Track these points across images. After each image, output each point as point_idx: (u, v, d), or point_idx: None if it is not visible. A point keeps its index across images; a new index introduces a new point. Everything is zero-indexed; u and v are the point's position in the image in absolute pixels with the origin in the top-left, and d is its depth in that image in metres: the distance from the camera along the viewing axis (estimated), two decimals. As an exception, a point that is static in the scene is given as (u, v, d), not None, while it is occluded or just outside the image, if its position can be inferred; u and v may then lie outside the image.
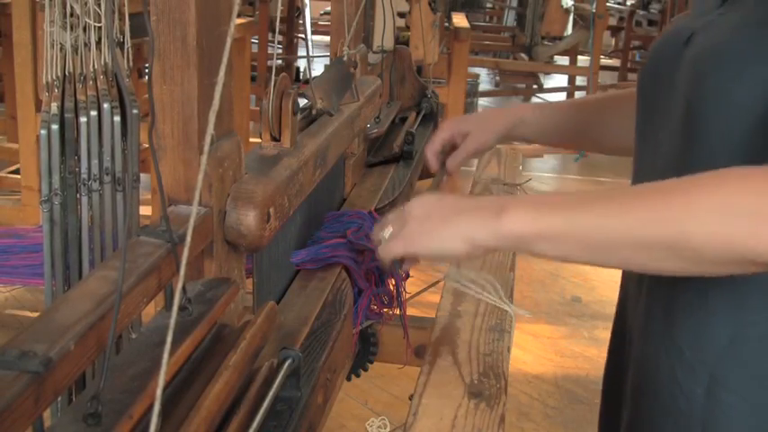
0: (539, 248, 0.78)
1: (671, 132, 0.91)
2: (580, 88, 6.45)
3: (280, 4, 1.02)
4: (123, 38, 1.26)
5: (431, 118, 1.81)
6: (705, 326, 0.87)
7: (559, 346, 3.02)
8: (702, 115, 0.85)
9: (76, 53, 1.19)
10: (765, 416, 0.85)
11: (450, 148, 1.29)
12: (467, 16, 4.93)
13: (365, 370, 1.11)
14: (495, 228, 0.77)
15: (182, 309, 0.65)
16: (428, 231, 0.81)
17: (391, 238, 0.85)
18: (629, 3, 8.46)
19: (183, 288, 0.65)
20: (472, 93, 5.76)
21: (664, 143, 0.93)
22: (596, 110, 1.25)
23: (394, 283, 1.07)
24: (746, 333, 0.84)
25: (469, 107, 5.53)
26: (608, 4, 6.31)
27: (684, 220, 0.70)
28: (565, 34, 6.45)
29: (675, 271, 0.75)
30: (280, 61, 6.15)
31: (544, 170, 5.21)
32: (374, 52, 1.54)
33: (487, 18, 8.56)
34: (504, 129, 1.27)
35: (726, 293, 0.81)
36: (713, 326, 0.86)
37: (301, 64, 6.64)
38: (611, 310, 1.05)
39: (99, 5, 1.16)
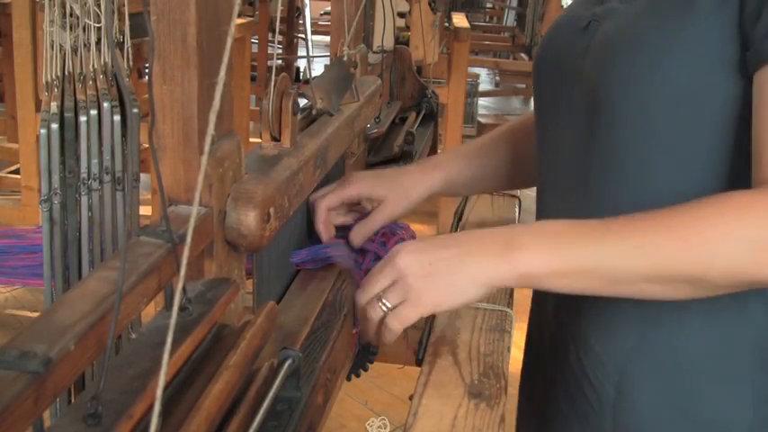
0: (552, 285, 0.75)
1: (575, 122, 0.91)
2: (580, 88, 6.43)
3: (280, 4, 1.02)
4: (123, 38, 1.26)
5: (431, 118, 1.81)
6: (615, 324, 0.89)
7: (559, 347, 3.01)
8: (612, 104, 0.86)
9: (76, 53, 1.19)
10: (672, 414, 0.87)
11: (348, 211, 1.08)
12: (467, 16, 4.93)
13: (365, 370, 1.11)
14: (509, 268, 0.73)
15: (182, 309, 0.65)
16: (439, 287, 0.74)
17: (399, 305, 0.77)
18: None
19: (184, 288, 0.65)
20: (472, 93, 5.76)
21: (566, 134, 0.93)
22: (527, 132, 1.10)
23: None
24: (654, 332, 0.87)
25: (469, 107, 5.53)
26: (608, 4, 6.29)
27: (701, 256, 0.71)
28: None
29: (683, 298, 0.76)
30: (280, 61, 6.15)
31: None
32: (374, 52, 1.54)
33: (487, 18, 8.55)
34: (421, 197, 1.09)
35: None
36: (623, 324, 0.88)
37: (301, 64, 6.64)
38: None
39: (99, 6, 1.15)
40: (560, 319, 0.95)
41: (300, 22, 6.49)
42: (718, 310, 0.85)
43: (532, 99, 1.03)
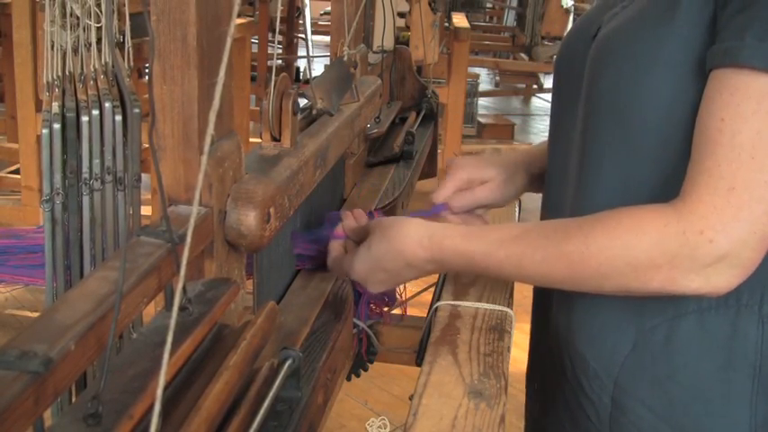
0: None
1: (575, 131, 0.90)
2: (580, 88, 6.42)
3: (280, 4, 1.03)
4: (123, 38, 1.26)
5: (431, 118, 1.81)
6: (607, 333, 0.88)
7: (559, 346, 3.01)
8: (600, 114, 0.85)
9: (76, 53, 1.19)
10: (667, 424, 0.85)
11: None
12: (467, 16, 4.93)
13: (365, 370, 1.11)
14: (416, 275, 0.90)
15: (182, 309, 0.65)
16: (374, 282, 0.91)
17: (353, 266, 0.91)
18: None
19: (184, 288, 0.65)
20: (472, 93, 5.76)
21: (573, 143, 0.92)
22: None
23: None
24: (647, 338, 0.85)
25: (469, 107, 5.53)
26: (608, 4, 6.28)
27: (591, 284, 0.79)
28: (565, 34, 6.42)
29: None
30: (280, 61, 6.15)
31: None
32: (374, 52, 1.54)
33: (487, 18, 8.54)
34: (524, 186, 1.10)
35: (626, 300, 0.83)
36: (615, 333, 0.87)
37: (301, 64, 6.64)
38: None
39: (99, 6, 1.15)
40: (556, 330, 0.94)
41: (300, 22, 6.49)
42: (707, 324, 0.83)
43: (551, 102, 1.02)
